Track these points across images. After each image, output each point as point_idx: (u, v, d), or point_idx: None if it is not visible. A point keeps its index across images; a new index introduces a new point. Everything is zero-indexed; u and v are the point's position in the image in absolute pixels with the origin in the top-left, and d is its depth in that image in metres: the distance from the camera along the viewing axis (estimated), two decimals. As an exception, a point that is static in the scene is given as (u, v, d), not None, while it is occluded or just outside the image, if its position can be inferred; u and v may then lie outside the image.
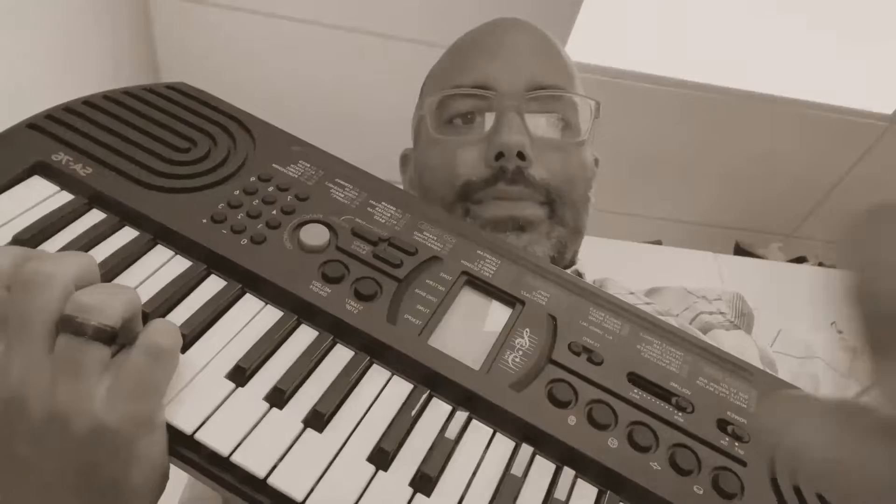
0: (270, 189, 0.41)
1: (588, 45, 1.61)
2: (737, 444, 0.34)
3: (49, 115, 0.41)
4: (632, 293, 0.59)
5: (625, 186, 1.94)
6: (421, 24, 1.56)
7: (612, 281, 0.60)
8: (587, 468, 0.33)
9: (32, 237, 0.35)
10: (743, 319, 0.62)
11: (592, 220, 0.59)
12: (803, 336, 0.52)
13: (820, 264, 1.99)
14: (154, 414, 0.29)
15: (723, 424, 0.35)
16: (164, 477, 0.31)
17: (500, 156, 0.52)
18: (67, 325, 0.29)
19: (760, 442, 0.34)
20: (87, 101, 0.43)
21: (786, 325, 0.56)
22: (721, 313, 0.60)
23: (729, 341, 0.54)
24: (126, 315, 0.30)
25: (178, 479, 0.57)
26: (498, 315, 0.38)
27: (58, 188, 0.38)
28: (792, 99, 1.73)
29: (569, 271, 0.49)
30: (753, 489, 0.33)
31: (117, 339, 0.30)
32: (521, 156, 0.52)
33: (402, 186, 0.60)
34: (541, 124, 0.54)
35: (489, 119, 0.54)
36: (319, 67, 1.66)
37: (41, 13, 1.11)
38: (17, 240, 0.35)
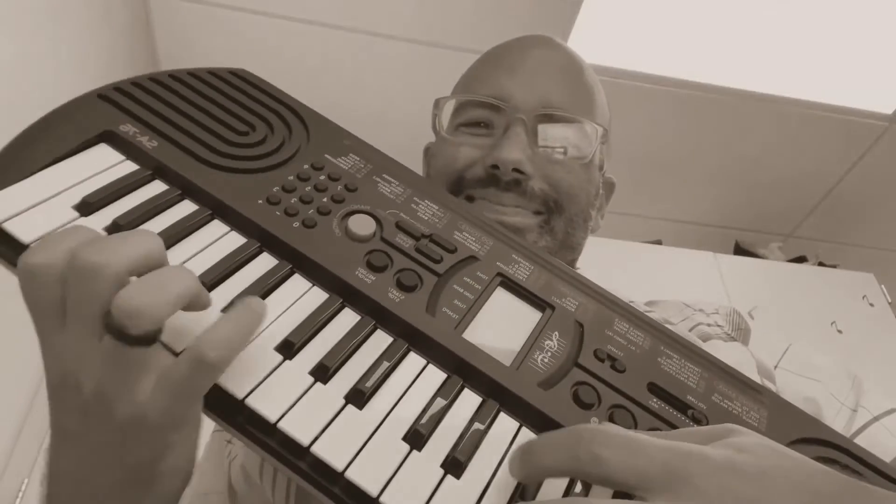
0: (322, 178, 0.43)
1: (588, 45, 1.62)
2: (746, 458, 0.36)
3: (117, 88, 0.43)
4: (632, 302, 0.61)
5: (625, 186, 1.91)
6: (421, 24, 1.57)
7: (612, 291, 0.62)
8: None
9: (99, 201, 0.37)
10: (740, 333, 0.64)
11: (588, 242, 0.60)
12: (810, 356, 0.54)
13: (820, 264, 2.00)
14: (191, 413, 0.31)
15: (734, 439, 0.37)
16: (192, 467, 0.33)
17: (495, 167, 0.54)
18: (110, 327, 0.29)
19: None
20: (153, 78, 0.45)
21: (795, 341, 0.57)
22: (719, 326, 0.62)
23: (727, 352, 0.56)
24: (179, 305, 0.30)
25: None
26: (529, 317, 0.40)
27: (123, 157, 0.40)
28: (792, 99, 1.75)
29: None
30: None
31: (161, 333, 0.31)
32: (517, 171, 0.53)
33: None
34: (548, 138, 0.56)
35: (499, 130, 0.56)
36: (320, 67, 1.67)
37: (41, 13, 1.12)
38: (85, 202, 0.37)
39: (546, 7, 1.52)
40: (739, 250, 2.11)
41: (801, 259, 2.04)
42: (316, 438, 0.31)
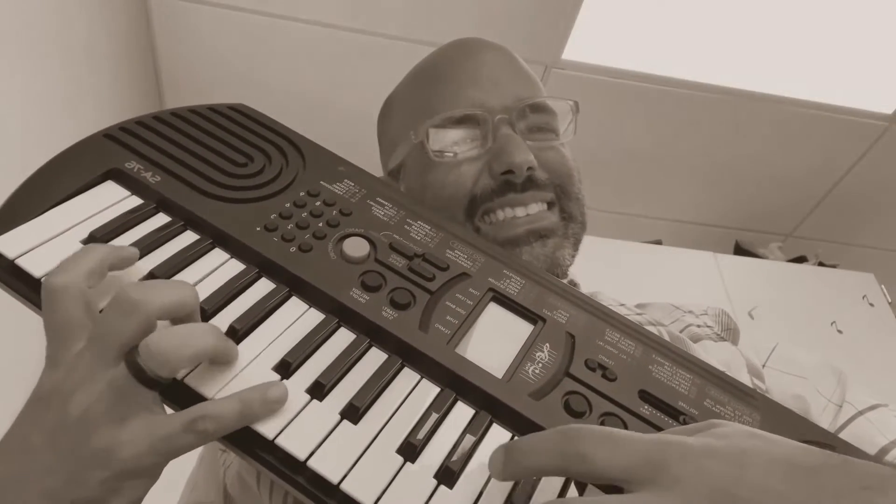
0: (318, 203, 0.44)
1: (588, 45, 1.61)
2: (739, 462, 0.37)
3: (123, 128, 0.46)
4: (622, 304, 0.61)
5: (625, 186, 1.94)
6: (421, 24, 1.57)
7: (604, 294, 0.62)
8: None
9: (105, 235, 0.39)
10: (729, 333, 0.64)
11: (592, 220, 0.61)
12: (795, 354, 0.54)
13: (820, 264, 1.98)
14: (157, 468, 0.33)
15: (727, 443, 0.37)
16: None
17: (508, 172, 0.54)
18: (129, 364, 0.32)
19: None
20: (157, 117, 0.48)
21: (782, 341, 0.57)
22: (708, 326, 0.62)
23: (717, 352, 0.56)
24: (199, 361, 0.33)
25: (178, 479, 0.59)
26: (520, 330, 0.41)
27: (129, 193, 0.43)
28: (792, 99, 1.74)
29: (564, 281, 0.51)
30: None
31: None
32: (529, 168, 0.54)
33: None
34: (534, 129, 0.57)
35: (485, 137, 0.56)
36: (319, 67, 1.66)
37: (41, 13, 1.13)
38: (93, 237, 0.39)
39: (546, 7, 1.52)
40: (739, 250, 2.09)
41: (801, 259, 2.01)
42: (312, 453, 0.33)
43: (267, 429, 0.33)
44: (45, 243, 0.38)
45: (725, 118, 1.79)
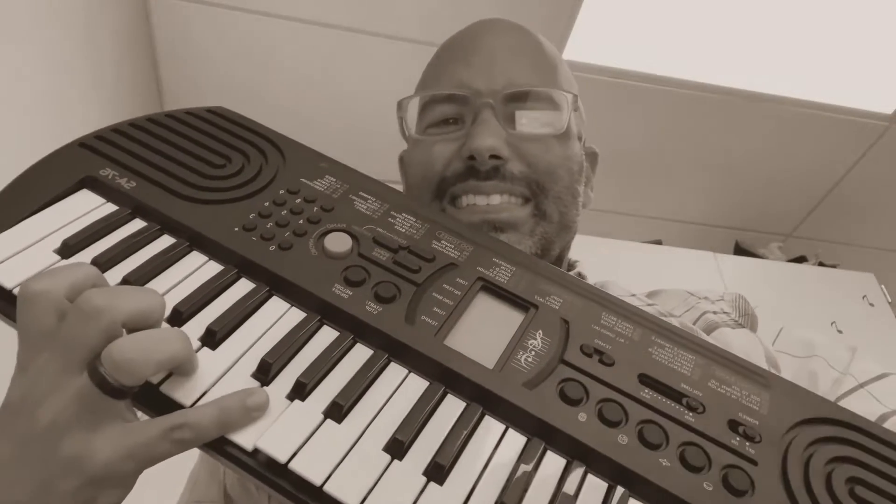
0: (298, 201, 0.43)
1: (588, 45, 1.61)
2: (748, 443, 0.35)
3: (98, 136, 0.45)
4: (633, 295, 0.59)
5: (625, 186, 1.92)
6: (421, 24, 1.56)
7: (614, 283, 0.60)
8: (597, 463, 0.33)
9: (79, 243, 0.38)
10: (747, 319, 0.61)
11: (592, 220, 0.59)
12: (804, 334, 0.52)
13: (820, 264, 1.96)
14: (135, 476, 0.32)
15: (734, 425, 0.35)
16: None
17: (472, 157, 0.52)
18: (93, 373, 0.30)
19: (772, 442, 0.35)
20: (133, 123, 0.47)
21: (787, 323, 0.55)
22: (725, 313, 0.59)
23: (735, 340, 0.53)
24: (165, 368, 0.32)
25: (178, 481, 0.59)
26: (512, 318, 0.40)
27: (104, 200, 0.42)
28: (792, 99, 1.72)
29: (571, 273, 0.49)
30: (764, 487, 0.33)
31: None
32: (494, 157, 0.52)
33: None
34: (521, 120, 0.55)
35: (466, 120, 0.55)
36: (319, 67, 1.66)
37: (41, 13, 1.13)
38: (66, 244, 0.38)
39: (546, 7, 1.52)
40: (739, 250, 2.07)
41: (801, 259, 1.99)
42: (294, 455, 0.31)
43: (244, 439, 0.32)
44: (18, 254, 0.37)
45: (725, 118, 1.78)
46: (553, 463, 0.33)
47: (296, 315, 0.38)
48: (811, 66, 1.66)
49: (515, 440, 0.34)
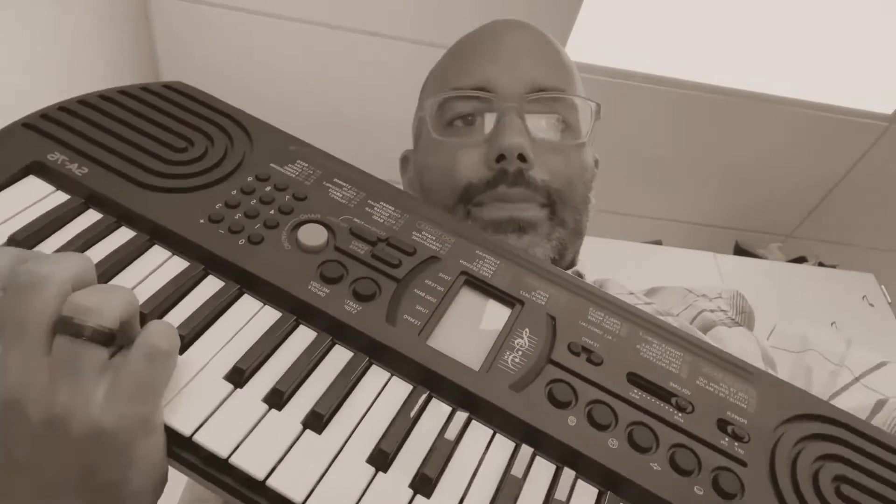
0: (268, 189, 0.40)
1: (588, 45, 1.61)
2: (737, 444, 0.34)
3: (44, 115, 0.41)
4: (631, 293, 0.59)
5: (625, 186, 1.93)
6: (421, 24, 1.56)
7: (613, 281, 0.60)
8: (588, 469, 0.32)
9: (28, 238, 0.35)
10: (744, 317, 0.62)
11: (592, 220, 0.59)
12: (798, 329, 0.52)
13: (820, 264, 1.99)
14: (152, 416, 0.29)
15: (723, 424, 0.35)
16: (164, 478, 0.31)
17: (501, 158, 0.52)
18: (65, 327, 0.28)
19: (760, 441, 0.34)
20: (83, 101, 0.43)
21: (781, 320, 0.56)
22: (722, 311, 0.60)
23: (732, 338, 0.54)
24: (124, 316, 0.30)
25: (178, 480, 0.57)
26: (497, 315, 0.38)
27: (53, 188, 0.38)
28: (792, 99, 1.74)
29: (569, 272, 0.49)
30: (754, 489, 0.33)
31: (115, 340, 0.30)
32: (521, 158, 0.52)
33: (401, 187, 0.60)
34: (541, 126, 0.54)
35: (489, 121, 0.54)
36: (319, 67, 1.66)
37: (41, 14, 1.11)
38: (13, 240, 0.35)
39: (546, 7, 1.51)
40: (739, 250, 2.09)
41: (801, 259, 2.02)
42: (272, 471, 0.29)
43: (220, 446, 0.30)
44: (-42, 251, 0.34)
45: (725, 118, 1.79)
46: (543, 469, 0.32)
47: (269, 314, 0.35)
48: (811, 66, 1.67)
49: (503, 446, 0.33)
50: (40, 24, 1.11)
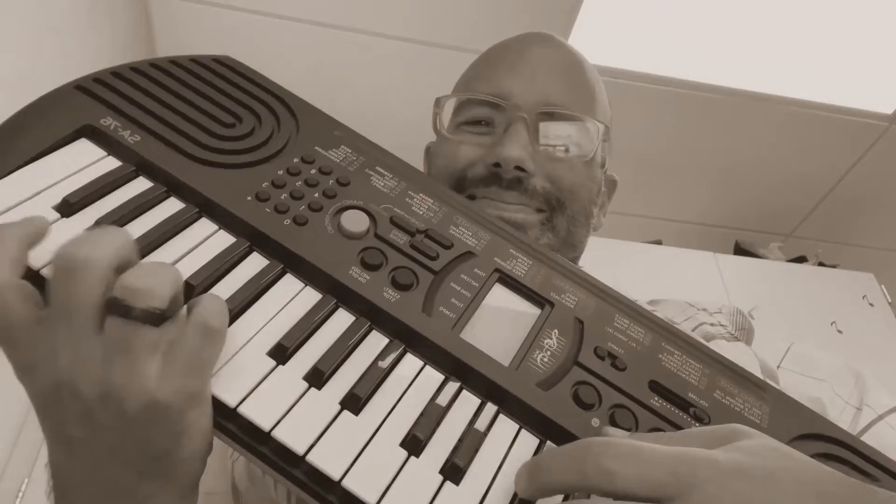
0: (313, 171, 0.41)
1: (588, 45, 1.60)
2: (748, 457, 0.36)
3: (97, 79, 0.42)
4: (634, 301, 0.60)
5: (625, 186, 1.91)
6: (421, 24, 1.56)
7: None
8: (607, 469, 0.34)
9: (80, 201, 0.36)
10: (743, 333, 0.63)
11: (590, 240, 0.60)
12: (815, 356, 0.54)
13: (820, 264, 2.00)
14: (204, 389, 0.30)
15: (736, 437, 0.36)
16: (210, 446, 0.32)
17: (497, 165, 0.53)
18: (116, 308, 0.29)
19: None
20: (134, 68, 0.43)
21: (787, 323, 0.57)
22: (722, 325, 0.62)
23: (731, 353, 0.55)
24: (172, 295, 0.30)
25: None
26: (527, 314, 0.39)
27: (105, 153, 0.39)
28: (792, 99, 1.74)
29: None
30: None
31: (165, 319, 0.30)
32: (519, 169, 0.53)
33: None
34: (550, 136, 0.56)
35: (499, 127, 0.56)
36: (319, 67, 1.66)
37: (41, 13, 1.10)
38: (66, 202, 0.35)
39: (546, 7, 1.51)
40: (739, 250, 2.10)
41: (801, 259, 2.03)
42: (312, 446, 0.31)
43: (262, 418, 0.31)
44: (13, 208, 0.35)
45: (725, 118, 1.79)
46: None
47: (311, 295, 0.36)
48: (811, 66, 1.68)
49: (528, 441, 0.34)
50: (40, 25, 1.10)
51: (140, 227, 0.36)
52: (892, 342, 1.72)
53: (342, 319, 0.36)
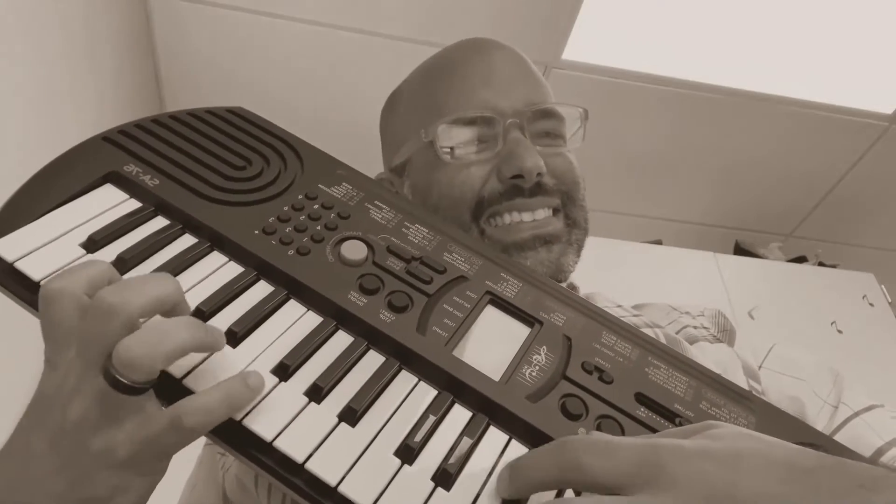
0: (316, 207, 0.45)
1: (588, 45, 1.62)
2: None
3: (122, 131, 0.46)
4: (619, 306, 0.62)
5: (625, 186, 1.95)
6: (421, 24, 1.57)
7: (601, 295, 0.63)
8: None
9: (104, 238, 0.40)
10: (725, 335, 0.64)
11: (593, 220, 0.62)
12: (795, 356, 0.55)
13: (820, 264, 1.98)
14: (158, 465, 0.33)
15: (722, 445, 0.38)
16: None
17: (517, 176, 0.54)
18: (105, 375, 0.31)
19: None
20: (155, 120, 0.48)
21: (779, 341, 0.58)
22: (705, 328, 0.63)
23: (714, 354, 0.56)
24: (176, 358, 0.32)
25: (178, 481, 0.60)
26: (517, 332, 0.42)
27: (127, 196, 0.43)
28: (792, 99, 1.75)
29: (563, 284, 0.52)
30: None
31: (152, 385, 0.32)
32: (539, 175, 0.55)
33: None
34: (540, 135, 0.58)
35: (495, 140, 0.56)
36: (319, 67, 1.67)
37: (41, 14, 1.14)
38: (91, 240, 0.39)
39: (546, 7, 1.53)
40: (739, 250, 2.10)
41: (801, 259, 2.02)
42: (310, 455, 0.33)
43: (265, 430, 0.33)
44: (45, 246, 0.38)
45: (725, 118, 1.80)
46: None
47: (312, 319, 0.39)
48: (811, 66, 1.68)
49: (518, 450, 0.36)
50: (40, 25, 1.13)
51: (157, 260, 0.39)
52: (892, 342, 1.69)
53: (341, 340, 0.39)
